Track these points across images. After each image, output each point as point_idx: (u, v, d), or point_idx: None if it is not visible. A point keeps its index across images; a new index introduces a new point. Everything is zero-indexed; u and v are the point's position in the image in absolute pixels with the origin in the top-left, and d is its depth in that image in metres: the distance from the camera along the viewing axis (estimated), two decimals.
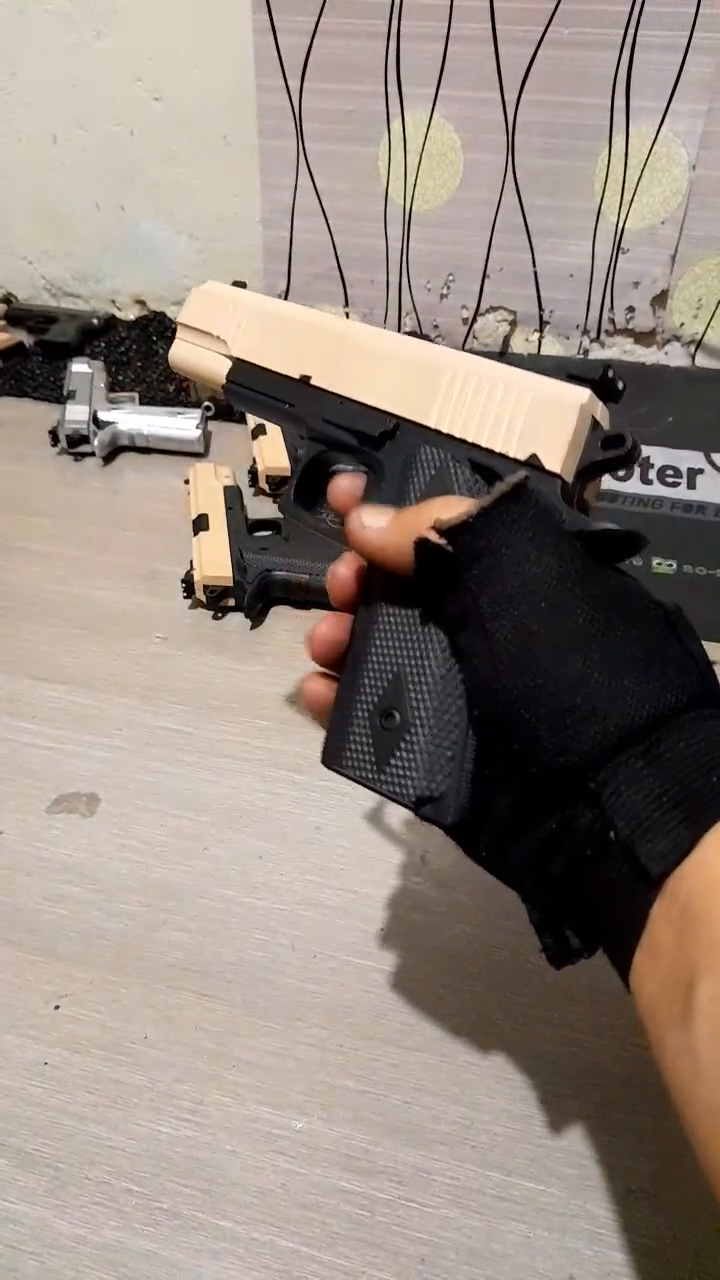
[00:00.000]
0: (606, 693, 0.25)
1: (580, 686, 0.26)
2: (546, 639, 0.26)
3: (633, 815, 0.25)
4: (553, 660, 0.26)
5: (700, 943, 0.22)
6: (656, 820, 0.24)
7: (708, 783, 0.24)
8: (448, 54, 0.77)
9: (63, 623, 0.59)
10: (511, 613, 0.27)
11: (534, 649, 0.26)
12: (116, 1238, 0.32)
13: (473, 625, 0.28)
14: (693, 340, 0.87)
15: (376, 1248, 0.32)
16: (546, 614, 0.27)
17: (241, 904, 0.43)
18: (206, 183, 0.89)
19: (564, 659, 0.26)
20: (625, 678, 0.26)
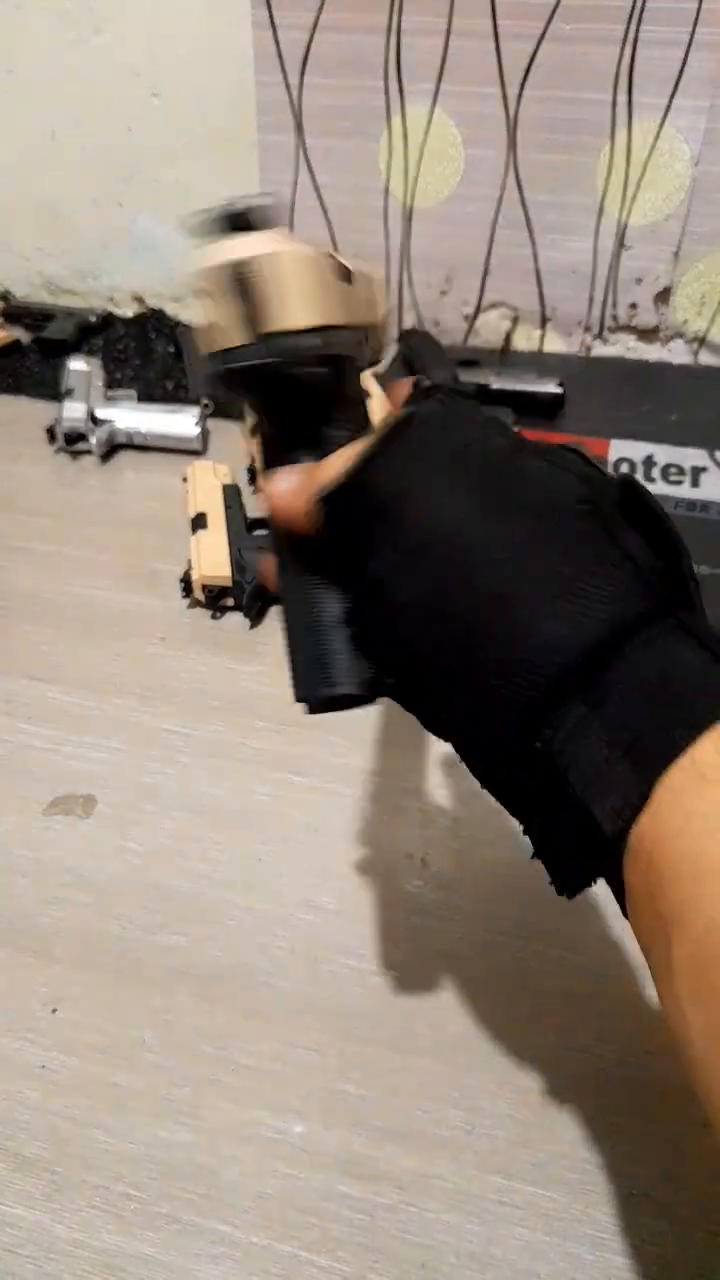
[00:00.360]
0: (535, 635, 0.23)
1: (506, 636, 0.23)
2: (464, 589, 0.24)
3: (583, 771, 0.22)
4: (474, 610, 0.23)
5: (668, 900, 0.21)
6: (605, 773, 0.22)
7: (659, 721, 0.22)
8: (448, 49, 0.77)
9: (60, 622, 0.59)
10: (424, 565, 0.24)
11: (452, 602, 0.24)
12: (115, 1242, 0.32)
13: (388, 583, 0.25)
14: (696, 337, 0.86)
15: (376, 1253, 0.32)
16: (457, 562, 0.24)
17: (240, 906, 0.42)
18: (206, 179, 0.89)
19: (484, 606, 0.23)
20: (553, 612, 0.23)
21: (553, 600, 0.23)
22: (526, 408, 0.77)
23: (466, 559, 0.24)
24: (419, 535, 0.24)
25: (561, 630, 0.23)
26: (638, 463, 0.73)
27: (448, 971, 0.40)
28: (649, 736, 0.22)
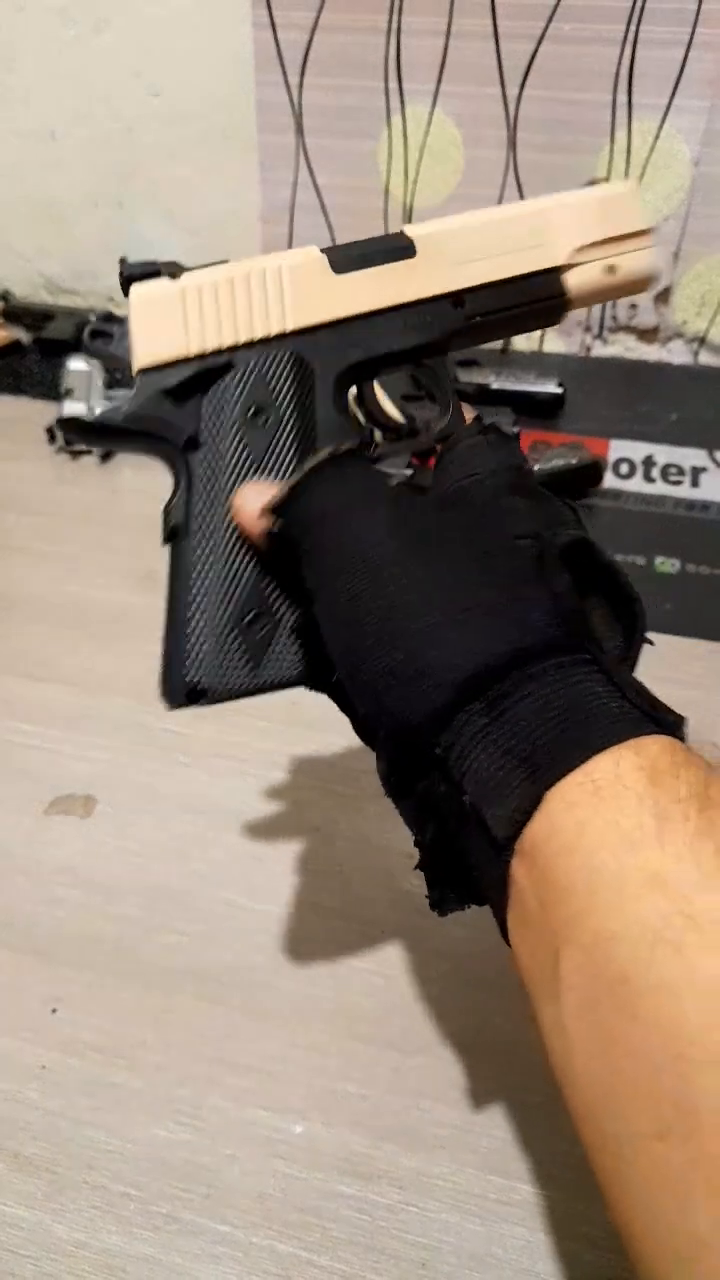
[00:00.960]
0: (434, 649, 0.24)
1: (406, 646, 0.24)
2: (373, 602, 0.25)
3: (479, 777, 0.23)
4: (382, 622, 0.25)
5: (559, 911, 0.21)
6: (501, 780, 0.23)
7: (556, 736, 0.22)
8: (448, 49, 0.77)
9: (59, 622, 0.59)
10: (340, 581, 0.26)
11: (362, 614, 0.25)
12: (115, 1242, 0.32)
13: (316, 596, 0.28)
14: (696, 337, 0.86)
15: (377, 1252, 0.32)
16: (371, 576, 0.26)
17: (240, 906, 0.42)
18: (205, 179, 0.89)
19: (390, 620, 0.25)
20: (453, 630, 0.24)
21: (455, 619, 0.24)
22: (526, 408, 0.77)
23: (378, 576, 0.26)
24: (340, 552, 0.26)
25: (464, 646, 0.24)
26: (637, 463, 0.73)
27: (448, 971, 0.40)
28: (546, 749, 0.22)
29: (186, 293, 0.31)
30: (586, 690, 0.23)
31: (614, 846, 0.21)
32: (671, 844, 0.20)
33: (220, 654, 0.31)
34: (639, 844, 0.20)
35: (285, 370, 0.32)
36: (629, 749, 0.22)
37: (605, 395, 0.82)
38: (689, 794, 0.21)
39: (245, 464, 0.32)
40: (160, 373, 0.31)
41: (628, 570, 0.30)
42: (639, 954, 0.19)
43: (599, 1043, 0.20)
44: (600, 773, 0.22)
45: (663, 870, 0.20)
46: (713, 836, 0.20)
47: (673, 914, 0.19)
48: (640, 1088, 0.19)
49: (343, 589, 0.26)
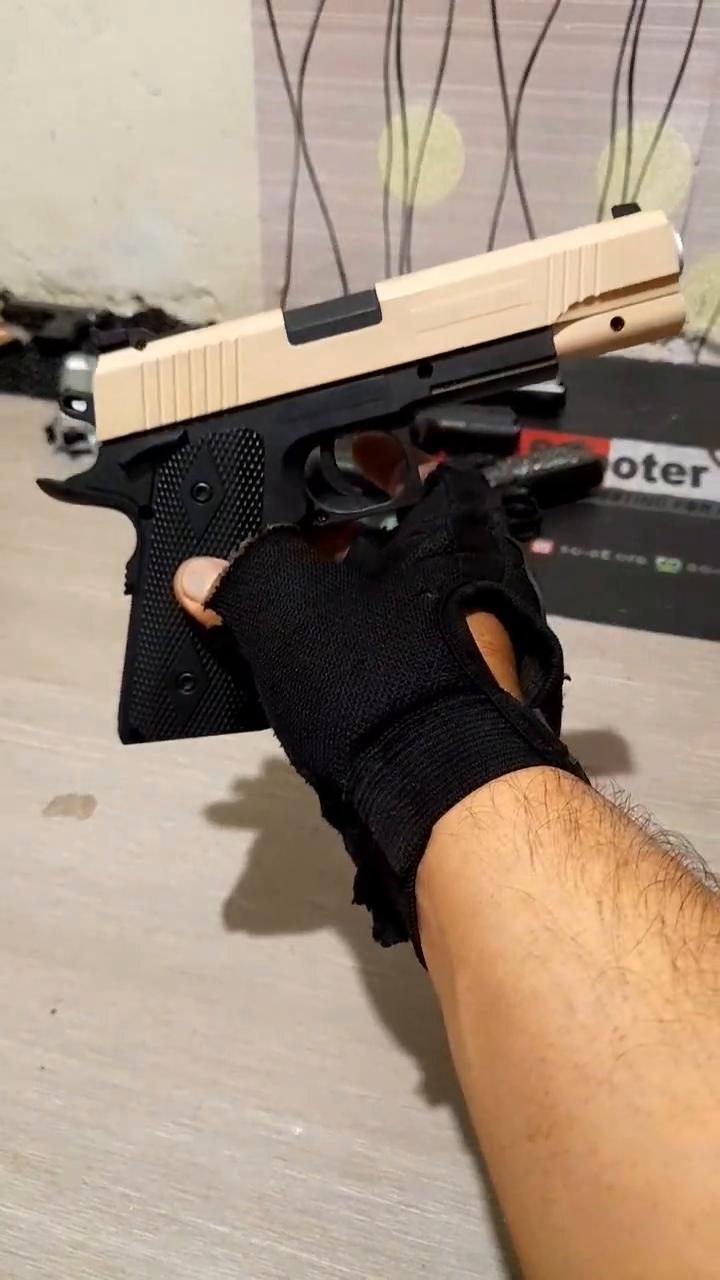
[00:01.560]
0: (332, 702, 0.27)
1: (312, 701, 0.27)
2: (287, 668, 0.28)
3: (380, 817, 0.26)
4: (294, 684, 0.28)
5: (452, 934, 0.23)
6: (395, 818, 0.25)
7: (440, 774, 0.24)
8: (449, 48, 0.77)
9: (59, 622, 0.59)
10: (264, 651, 0.29)
11: (280, 679, 0.29)
12: (115, 1243, 0.32)
13: (251, 666, 0.30)
14: (697, 337, 0.86)
15: (377, 1253, 0.31)
16: (283, 647, 0.29)
17: (239, 907, 0.42)
18: (205, 178, 0.89)
19: (301, 681, 0.28)
20: (345, 683, 0.27)
21: (348, 673, 0.27)
22: (527, 407, 0.77)
23: (291, 644, 0.28)
24: (262, 628, 0.29)
25: (359, 697, 0.26)
26: (638, 462, 0.73)
27: None
28: (431, 788, 0.24)
29: (145, 368, 0.32)
30: (474, 729, 0.25)
31: (493, 871, 0.23)
32: (541, 865, 0.22)
33: (153, 706, 0.34)
34: (513, 867, 0.22)
35: (232, 445, 0.32)
36: (505, 782, 0.24)
37: (606, 395, 0.82)
38: (557, 818, 0.23)
39: (189, 537, 0.33)
40: (118, 446, 0.33)
41: (627, 570, 0.31)
42: (512, 968, 0.21)
43: (488, 1054, 0.22)
44: (479, 805, 0.24)
45: (533, 890, 0.22)
46: (576, 856, 0.22)
47: (540, 929, 0.21)
48: (514, 1092, 0.21)
49: (268, 660, 0.29)
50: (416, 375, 0.31)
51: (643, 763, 0.48)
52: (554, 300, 0.30)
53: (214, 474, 0.32)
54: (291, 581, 0.30)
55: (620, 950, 0.20)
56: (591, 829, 0.22)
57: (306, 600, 0.29)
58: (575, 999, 0.20)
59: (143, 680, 0.34)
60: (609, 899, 0.21)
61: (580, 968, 0.20)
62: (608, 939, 0.20)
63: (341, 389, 0.31)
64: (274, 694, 0.29)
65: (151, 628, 0.34)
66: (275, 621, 0.29)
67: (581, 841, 0.22)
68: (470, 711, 0.25)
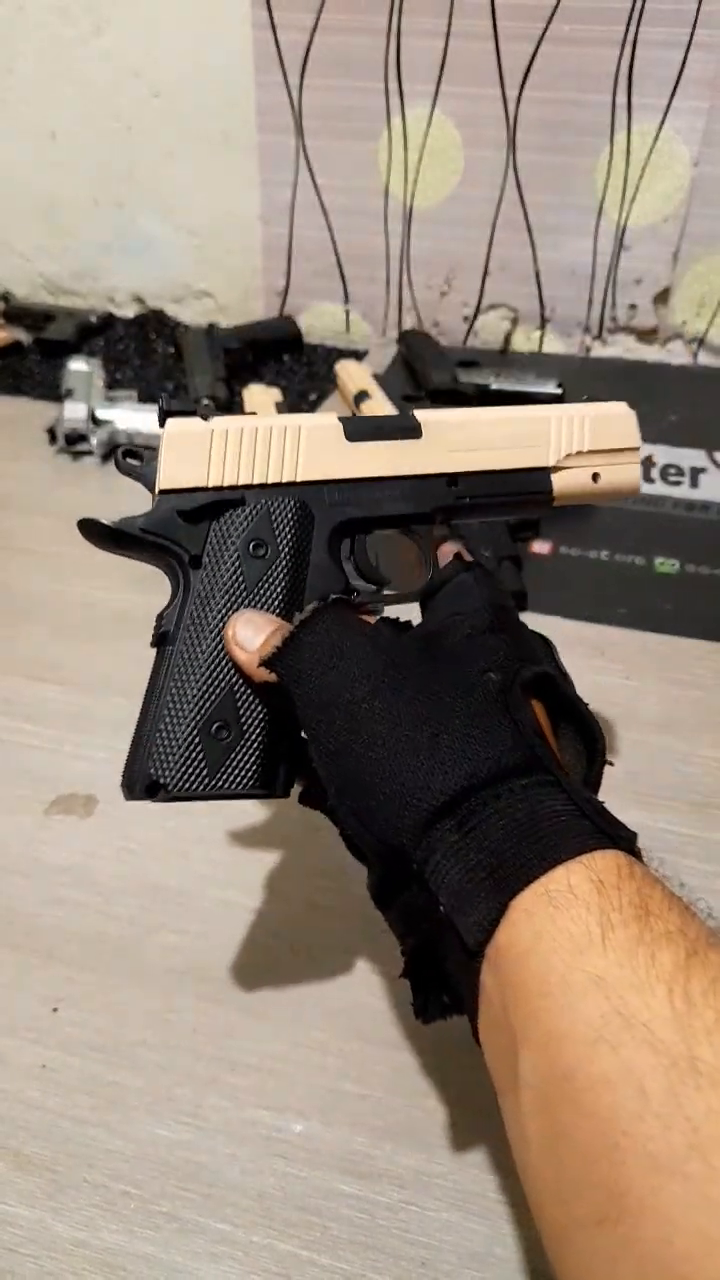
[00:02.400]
0: (409, 774, 0.27)
1: (384, 773, 0.28)
2: (355, 736, 0.29)
3: (452, 889, 0.26)
4: (361, 754, 0.28)
5: (518, 1012, 0.23)
6: (470, 892, 0.25)
7: (518, 851, 0.25)
8: (448, 50, 0.77)
9: (60, 622, 0.59)
10: (325, 718, 0.30)
11: (346, 748, 0.29)
12: (115, 1241, 0.32)
13: (306, 730, 0.31)
14: (695, 338, 0.87)
15: (377, 1251, 0.32)
16: (349, 716, 0.29)
17: (241, 906, 0.42)
18: (205, 179, 0.89)
19: (370, 751, 0.28)
20: (424, 758, 0.27)
21: (425, 747, 0.27)
22: None
23: (358, 714, 0.29)
24: (325, 694, 0.30)
25: (431, 772, 0.27)
26: None
27: None
28: (509, 863, 0.25)
29: (215, 433, 0.35)
30: (547, 808, 0.26)
31: (565, 951, 0.23)
32: (613, 949, 0.22)
33: (181, 755, 0.33)
34: (585, 949, 0.22)
35: (289, 514, 0.35)
36: (580, 863, 0.24)
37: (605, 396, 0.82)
38: (629, 903, 0.23)
39: (239, 589, 0.35)
40: (179, 495, 0.35)
41: (626, 571, 0.31)
42: (582, 1051, 0.21)
43: (549, 1136, 0.22)
44: (555, 884, 0.24)
45: (604, 973, 0.22)
46: (647, 943, 0.22)
47: (611, 1014, 0.21)
48: (581, 1177, 0.21)
49: (328, 726, 0.29)
50: (446, 485, 0.37)
51: (643, 763, 0.48)
52: (556, 448, 0.37)
53: (271, 534, 0.35)
54: (358, 649, 0.30)
55: (692, 1039, 0.20)
56: (661, 916, 0.23)
57: (374, 669, 0.29)
58: (648, 1086, 0.20)
59: (170, 729, 0.33)
60: (679, 987, 0.21)
61: (652, 1055, 0.20)
62: (679, 1027, 0.20)
63: (386, 485, 0.36)
64: (337, 761, 0.29)
65: (187, 675, 0.34)
66: (339, 687, 0.29)
67: (652, 928, 0.22)
68: (542, 791, 0.26)
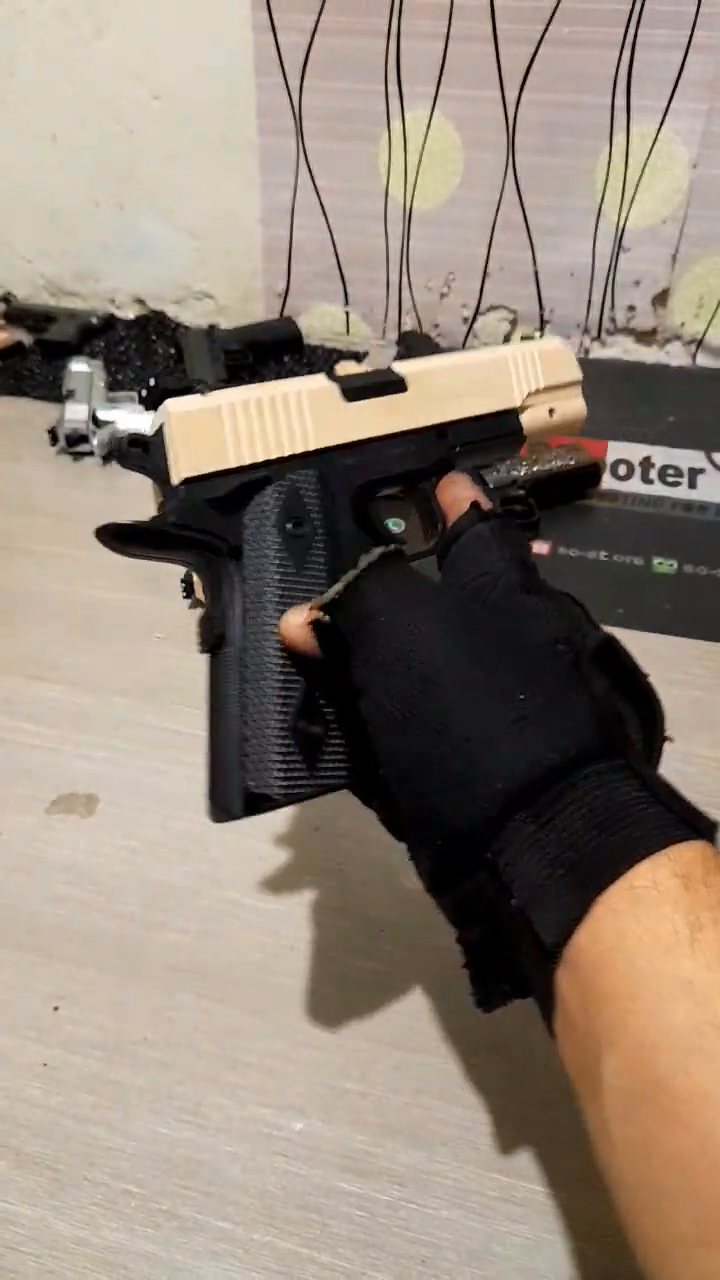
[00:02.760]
0: (489, 755, 0.25)
1: (461, 750, 0.25)
2: (427, 705, 0.26)
3: (527, 883, 0.24)
4: (434, 725, 0.26)
5: (601, 1016, 0.22)
6: (549, 888, 0.23)
7: (600, 844, 0.23)
8: (448, 52, 0.77)
9: (62, 622, 0.59)
10: (392, 681, 0.26)
11: (415, 715, 0.26)
12: (116, 1239, 0.32)
13: (365, 694, 0.28)
14: (694, 339, 0.87)
15: (377, 1249, 0.32)
16: (423, 678, 0.26)
17: (242, 905, 0.42)
18: (206, 181, 0.89)
19: (444, 722, 0.25)
20: (508, 738, 0.25)
21: (509, 726, 0.25)
22: None
23: (432, 676, 0.26)
24: (392, 650, 0.27)
25: (514, 755, 0.25)
26: (635, 464, 0.73)
27: (448, 969, 0.40)
28: (591, 858, 0.23)
29: (224, 409, 0.32)
30: (626, 797, 0.24)
31: (650, 953, 0.21)
32: (702, 951, 0.21)
33: (281, 760, 0.30)
34: (673, 950, 0.21)
35: (314, 484, 0.33)
36: (666, 856, 0.23)
37: (603, 397, 0.82)
38: (718, 901, 0.22)
39: (290, 573, 0.32)
40: (205, 483, 0.32)
41: (624, 571, 0.30)
42: (676, 1061, 0.20)
43: (640, 1146, 0.21)
44: (640, 879, 0.22)
45: (694, 978, 0.21)
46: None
47: (704, 1023, 0.20)
48: (682, 1194, 0.20)
49: (395, 689, 0.26)
50: (436, 438, 0.36)
51: None
52: (518, 388, 0.38)
53: (304, 509, 0.33)
54: (426, 600, 0.28)
55: None
56: None
57: (441, 627, 0.27)
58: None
59: (259, 735, 0.30)
60: None
61: None
62: None
63: (389, 442, 0.35)
64: (403, 733, 0.26)
65: (261, 673, 0.31)
66: (408, 643, 0.26)
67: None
68: (619, 777, 0.24)
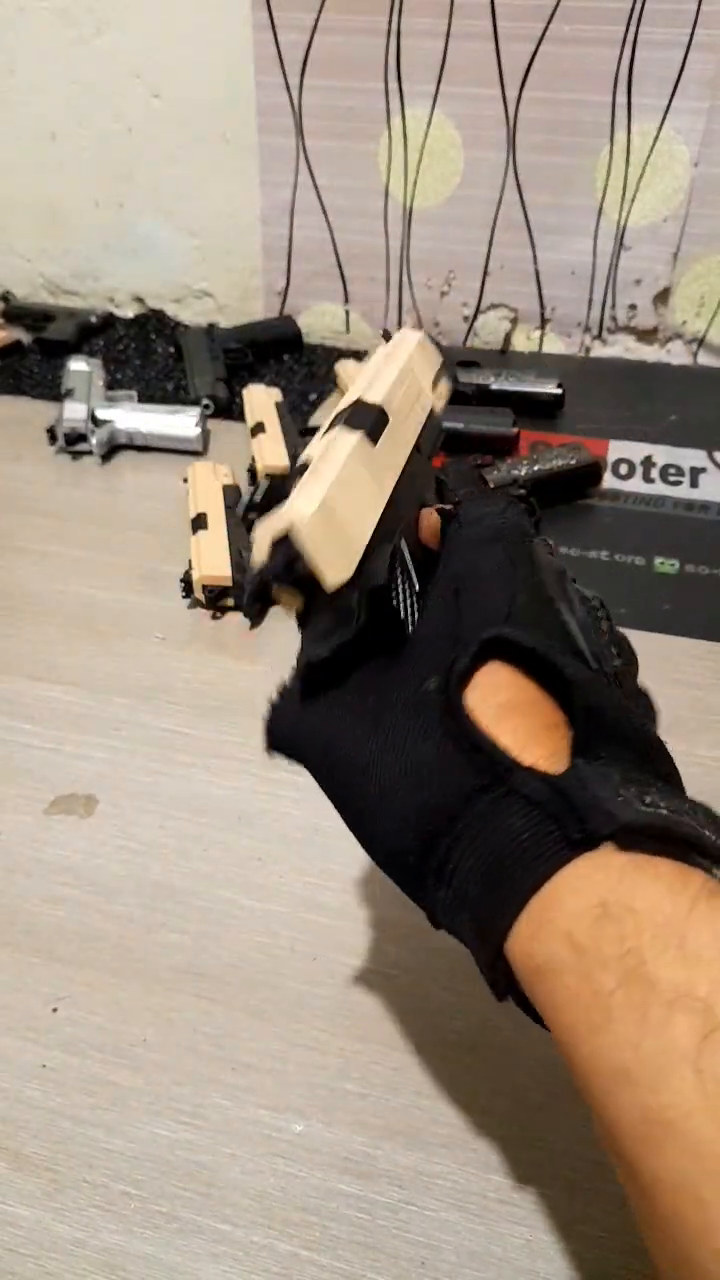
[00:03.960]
0: (384, 834, 0.25)
1: (368, 832, 0.26)
2: (350, 795, 0.26)
3: (466, 940, 0.24)
4: (356, 810, 0.26)
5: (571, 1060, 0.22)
6: (475, 948, 0.24)
7: (488, 898, 0.23)
8: (448, 51, 0.77)
9: (61, 623, 0.59)
10: (332, 778, 0.27)
11: (344, 805, 0.27)
12: (115, 1241, 0.32)
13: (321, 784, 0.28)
14: (695, 338, 0.87)
15: (376, 1251, 0.32)
16: (342, 769, 0.26)
17: (241, 906, 0.42)
18: (206, 180, 0.89)
19: (360, 804, 0.26)
20: (387, 815, 0.25)
21: (392, 799, 0.25)
22: (526, 408, 0.77)
23: (347, 768, 0.26)
24: (326, 757, 0.27)
25: (397, 828, 0.24)
26: (636, 463, 0.73)
27: (448, 970, 0.40)
28: (486, 916, 0.23)
29: (329, 495, 0.28)
30: (508, 833, 0.23)
31: (571, 1029, 0.21)
32: (617, 1025, 0.20)
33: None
34: (592, 1025, 0.20)
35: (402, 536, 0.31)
36: (547, 899, 0.22)
37: (605, 396, 0.83)
38: (613, 957, 0.20)
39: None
40: (359, 578, 0.28)
41: (626, 571, 0.30)
42: (630, 1148, 0.20)
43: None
44: (522, 941, 0.22)
45: (627, 1063, 0.20)
46: (654, 1018, 0.19)
47: (639, 1108, 0.19)
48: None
49: (335, 782, 0.27)
50: (417, 452, 0.34)
51: None
52: (425, 385, 0.37)
53: (409, 569, 0.30)
54: (345, 701, 0.27)
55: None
56: (660, 963, 0.19)
57: (349, 714, 0.26)
58: (704, 1194, 0.18)
59: None
60: (707, 1068, 0.18)
61: (697, 1160, 0.18)
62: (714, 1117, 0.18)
63: (406, 475, 0.33)
64: (345, 813, 0.27)
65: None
66: (330, 748, 0.27)
67: (659, 995, 0.19)
68: (500, 809, 0.23)
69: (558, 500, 0.68)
